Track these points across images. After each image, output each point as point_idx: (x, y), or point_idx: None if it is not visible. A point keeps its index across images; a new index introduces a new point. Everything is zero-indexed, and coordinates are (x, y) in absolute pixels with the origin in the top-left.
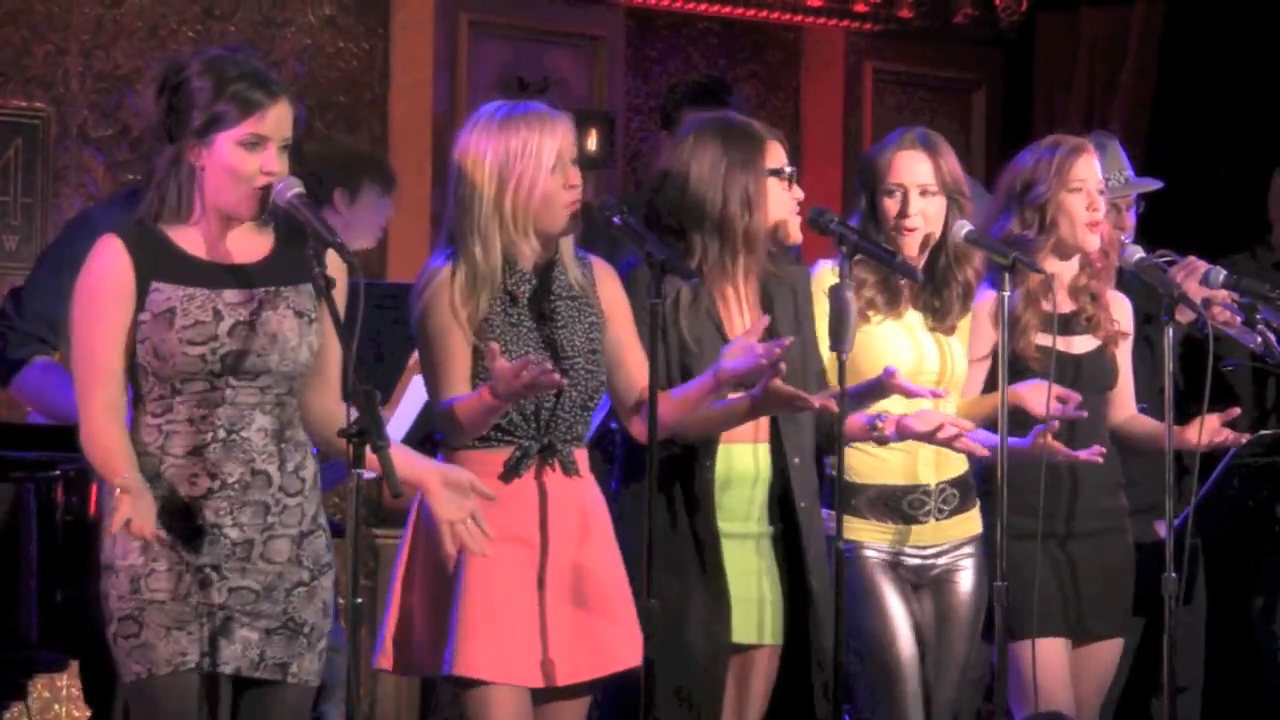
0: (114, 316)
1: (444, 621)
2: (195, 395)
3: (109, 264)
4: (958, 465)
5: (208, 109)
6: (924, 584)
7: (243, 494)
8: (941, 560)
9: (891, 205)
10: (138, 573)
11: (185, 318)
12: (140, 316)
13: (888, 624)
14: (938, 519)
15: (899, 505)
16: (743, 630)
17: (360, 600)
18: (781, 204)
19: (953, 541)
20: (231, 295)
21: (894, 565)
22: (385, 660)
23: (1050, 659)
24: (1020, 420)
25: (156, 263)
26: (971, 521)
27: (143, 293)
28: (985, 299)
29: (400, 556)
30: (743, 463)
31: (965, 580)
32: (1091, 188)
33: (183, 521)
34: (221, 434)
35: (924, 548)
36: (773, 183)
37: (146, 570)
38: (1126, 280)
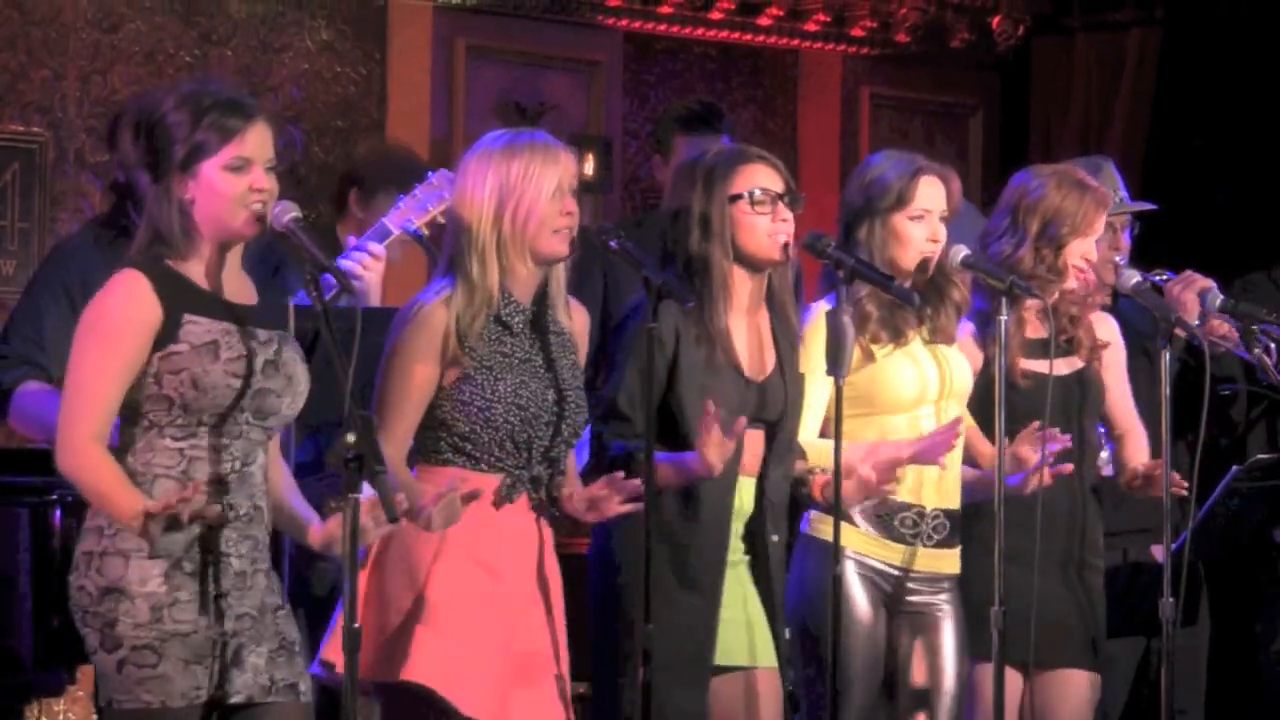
0: (128, 352)
1: (403, 630)
2: (216, 428)
3: (133, 300)
4: (954, 496)
5: (188, 140)
6: (901, 612)
7: (246, 527)
8: (921, 593)
9: (919, 230)
10: (160, 601)
11: (230, 350)
12: (173, 348)
13: (855, 637)
14: (925, 545)
15: (891, 521)
16: (736, 652)
17: (358, 625)
18: (752, 229)
19: (932, 573)
20: (261, 334)
21: (872, 580)
22: (333, 653)
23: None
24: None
25: (185, 296)
26: (953, 559)
27: (174, 325)
28: (962, 331)
29: (367, 564)
30: (744, 495)
31: (950, 625)
32: (1094, 238)
33: (203, 548)
34: (237, 465)
35: (904, 570)
36: (740, 208)
37: (170, 600)
38: (1124, 302)
